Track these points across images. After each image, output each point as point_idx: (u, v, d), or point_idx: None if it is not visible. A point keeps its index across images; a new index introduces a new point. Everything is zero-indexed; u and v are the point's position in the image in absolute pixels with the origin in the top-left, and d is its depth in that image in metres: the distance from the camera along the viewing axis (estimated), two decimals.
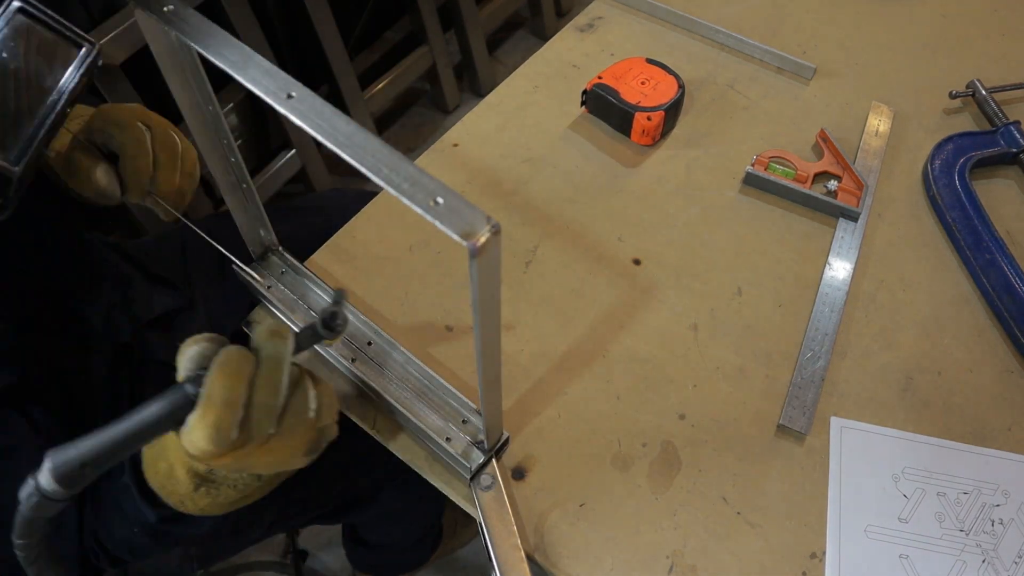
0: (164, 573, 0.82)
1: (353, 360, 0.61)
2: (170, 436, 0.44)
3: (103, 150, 0.65)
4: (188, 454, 0.43)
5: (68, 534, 0.58)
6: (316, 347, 0.64)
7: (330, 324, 0.44)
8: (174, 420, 0.42)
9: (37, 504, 0.41)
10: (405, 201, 0.35)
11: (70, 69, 0.54)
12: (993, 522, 0.57)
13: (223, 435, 0.41)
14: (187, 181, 0.69)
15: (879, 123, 0.82)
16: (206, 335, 0.44)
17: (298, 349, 0.45)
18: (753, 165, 0.77)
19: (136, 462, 0.53)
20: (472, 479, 0.57)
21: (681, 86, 0.80)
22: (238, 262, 0.64)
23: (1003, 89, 0.82)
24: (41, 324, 0.65)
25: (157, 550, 0.60)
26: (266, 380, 0.43)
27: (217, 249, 0.87)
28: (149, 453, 0.51)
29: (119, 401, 0.70)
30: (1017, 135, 0.77)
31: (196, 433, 0.41)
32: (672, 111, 0.80)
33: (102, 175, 0.64)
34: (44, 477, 0.41)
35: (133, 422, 0.42)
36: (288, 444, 0.45)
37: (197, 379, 0.42)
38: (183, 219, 0.68)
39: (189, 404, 0.42)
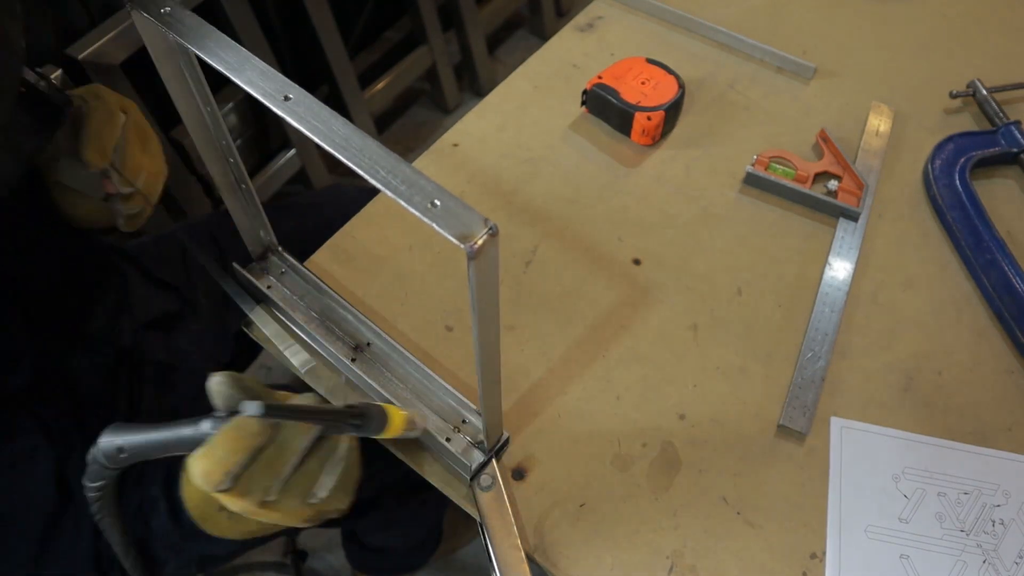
0: None
1: (353, 360, 0.61)
2: None
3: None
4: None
5: (84, 532, 0.58)
6: (317, 348, 0.64)
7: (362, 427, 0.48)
8: (191, 446, 0.45)
9: (92, 465, 0.47)
10: (402, 203, 0.35)
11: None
12: (993, 522, 0.57)
13: (212, 482, 0.43)
14: (152, 164, 0.71)
15: (879, 123, 0.82)
16: (231, 376, 0.45)
17: (327, 432, 0.48)
18: (753, 165, 0.76)
19: (167, 477, 0.55)
20: (472, 479, 0.57)
21: (681, 86, 0.80)
22: (234, 266, 0.64)
23: (1003, 89, 0.82)
24: (47, 326, 0.65)
25: (169, 564, 0.61)
26: (268, 461, 0.45)
27: (218, 249, 0.87)
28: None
29: (117, 401, 0.70)
30: (1018, 135, 0.77)
31: (193, 468, 0.43)
32: (672, 111, 0.79)
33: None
34: (96, 448, 0.45)
35: (164, 434, 0.45)
36: (282, 514, 0.47)
37: (222, 419, 0.44)
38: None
39: (202, 439, 0.45)
